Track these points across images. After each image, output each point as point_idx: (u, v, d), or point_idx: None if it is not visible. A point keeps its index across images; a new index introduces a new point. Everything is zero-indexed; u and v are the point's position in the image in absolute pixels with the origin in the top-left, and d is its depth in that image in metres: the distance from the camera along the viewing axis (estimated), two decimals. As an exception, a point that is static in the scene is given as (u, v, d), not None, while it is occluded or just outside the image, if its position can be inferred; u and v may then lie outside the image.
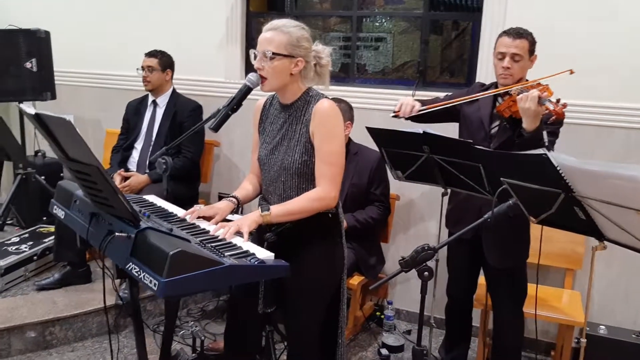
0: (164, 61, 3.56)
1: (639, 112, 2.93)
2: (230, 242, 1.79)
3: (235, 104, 2.00)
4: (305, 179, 1.98)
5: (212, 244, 1.74)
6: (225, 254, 1.67)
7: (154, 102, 3.62)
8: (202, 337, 2.98)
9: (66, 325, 3.10)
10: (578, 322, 2.74)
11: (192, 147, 3.49)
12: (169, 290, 1.47)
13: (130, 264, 1.59)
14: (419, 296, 3.64)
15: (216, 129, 2.01)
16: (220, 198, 3.75)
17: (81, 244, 2.70)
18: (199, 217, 2.00)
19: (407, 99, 2.62)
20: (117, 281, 3.39)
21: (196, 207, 2.03)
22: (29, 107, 1.71)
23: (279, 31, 1.91)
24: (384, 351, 3.19)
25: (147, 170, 3.49)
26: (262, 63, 1.92)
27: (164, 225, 1.81)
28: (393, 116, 2.63)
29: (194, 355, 2.95)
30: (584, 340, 2.04)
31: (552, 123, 2.26)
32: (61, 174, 4.37)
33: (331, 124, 1.91)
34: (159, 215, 2.01)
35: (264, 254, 1.72)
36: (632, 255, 2.99)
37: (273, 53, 1.89)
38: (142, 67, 3.54)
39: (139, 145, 3.60)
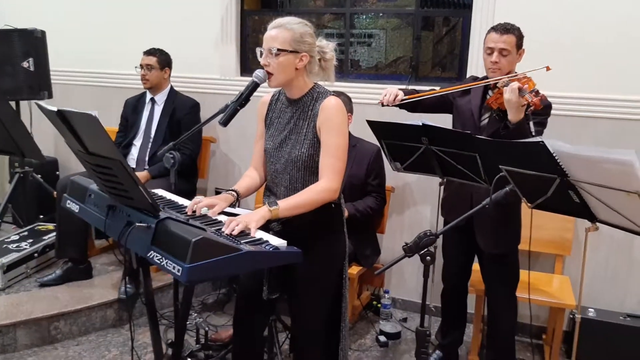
0: (163, 59, 3.61)
1: (623, 103, 3.06)
2: (242, 231, 1.86)
3: (243, 99, 2.08)
4: (311, 172, 2.06)
5: (227, 233, 1.82)
6: (241, 241, 1.75)
7: (152, 100, 3.67)
8: (207, 328, 3.06)
9: (70, 320, 3.15)
10: (569, 304, 2.86)
11: (191, 144, 3.55)
12: (192, 275, 1.55)
13: (152, 252, 1.67)
14: (414, 285, 3.78)
15: (225, 123, 2.09)
16: (217, 193, 3.82)
17: (96, 237, 2.75)
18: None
19: (392, 88, 2.67)
20: (119, 276, 3.49)
21: (197, 198, 2.09)
22: (48, 105, 1.77)
23: (282, 28, 1.99)
24: (382, 338, 3.29)
25: (147, 167, 3.55)
26: (268, 60, 2.00)
27: (179, 216, 1.88)
28: (381, 105, 2.69)
29: (198, 345, 3.03)
30: (579, 316, 2.15)
31: (531, 113, 2.38)
32: (57, 172, 4.40)
33: (337, 120, 2.00)
34: (170, 207, 2.09)
35: (276, 241, 1.81)
36: (618, 240, 3.16)
37: (278, 49, 1.97)
38: (141, 65, 3.59)
39: (137, 142, 3.66)
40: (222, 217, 1.99)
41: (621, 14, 3.00)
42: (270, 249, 1.74)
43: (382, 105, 2.68)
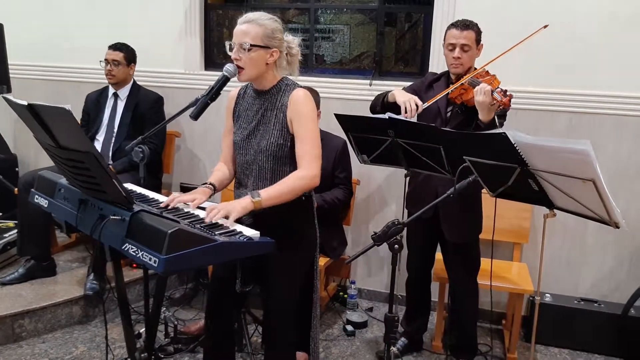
0: (129, 55, 3.57)
1: (579, 98, 3.21)
2: (216, 223, 1.89)
3: (214, 93, 2.10)
4: (281, 162, 2.10)
5: (200, 225, 1.84)
6: (215, 232, 1.78)
7: (115, 95, 3.63)
8: (176, 322, 3.07)
9: (35, 318, 3.10)
10: (527, 290, 2.99)
11: (155, 138, 3.51)
12: (168, 267, 1.56)
13: (127, 244, 1.67)
14: (379, 275, 3.86)
15: (196, 117, 2.11)
16: (182, 188, 3.80)
17: (67, 232, 2.71)
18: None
19: (411, 100, 2.57)
20: (83, 273, 3.45)
21: (175, 194, 2.10)
22: (16, 98, 1.76)
23: (254, 24, 2.02)
24: (349, 327, 3.37)
25: (110, 162, 3.51)
26: (239, 54, 2.03)
27: (152, 209, 1.89)
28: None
29: (167, 339, 3.04)
30: (538, 298, 2.26)
31: (499, 114, 2.48)
32: (16, 169, 4.30)
33: (307, 110, 2.05)
34: (142, 200, 2.09)
35: (250, 232, 1.84)
36: (571, 229, 3.32)
37: (250, 45, 2.00)
38: (107, 60, 3.54)
39: (100, 137, 3.61)
40: (197, 211, 2.00)
41: (578, 12, 3.15)
42: (244, 240, 1.78)
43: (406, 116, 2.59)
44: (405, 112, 2.54)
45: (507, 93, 2.40)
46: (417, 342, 3.19)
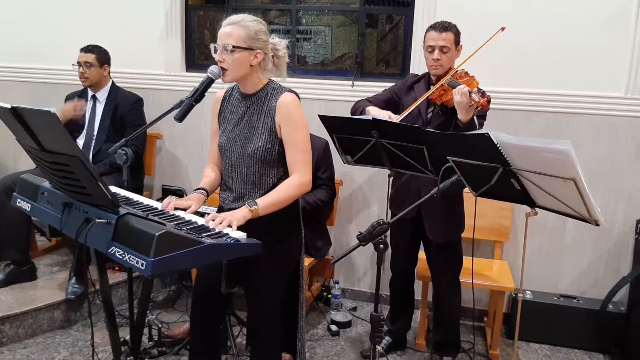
0: (101, 56, 3.53)
1: (557, 98, 3.28)
2: (202, 225, 1.89)
3: (198, 95, 2.10)
4: (268, 165, 2.11)
5: (187, 227, 1.84)
6: (202, 234, 1.78)
7: (94, 97, 3.59)
8: (159, 325, 3.05)
9: (16, 323, 3.06)
10: (509, 287, 3.03)
11: (137, 140, 3.47)
12: (156, 269, 1.56)
13: (113, 247, 1.67)
14: (362, 275, 3.88)
15: (181, 119, 2.10)
16: (164, 190, 3.80)
17: (51, 235, 2.67)
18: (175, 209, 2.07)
19: (383, 115, 2.63)
20: (64, 277, 3.41)
21: (171, 197, 2.10)
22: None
23: (238, 25, 2.03)
24: (334, 327, 3.38)
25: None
26: (222, 56, 2.03)
27: (137, 212, 1.89)
28: None
29: (151, 343, 3.02)
30: (520, 295, 2.30)
31: (478, 114, 2.52)
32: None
33: (296, 115, 2.06)
34: (126, 203, 2.08)
35: (237, 234, 1.84)
36: (551, 227, 3.38)
37: (233, 46, 2.00)
38: (79, 62, 3.49)
39: (80, 140, 3.56)
40: (180, 213, 2.00)
41: (556, 13, 3.21)
42: (231, 242, 1.78)
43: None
44: None
45: (486, 94, 2.44)
46: (401, 340, 3.22)
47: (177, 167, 4.07)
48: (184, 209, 2.03)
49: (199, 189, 2.19)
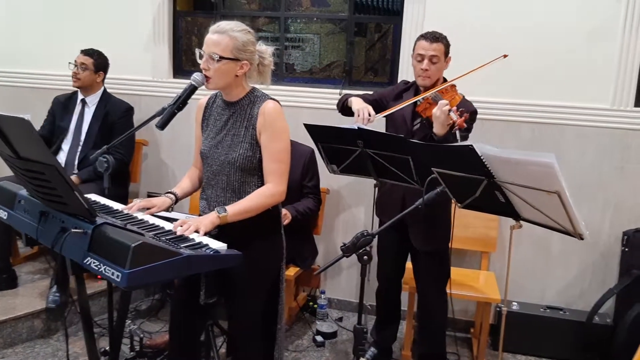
0: (99, 63, 3.50)
1: (543, 108, 3.28)
2: (181, 236, 1.86)
3: (181, 102, 2.08)
4: (249, 173, 2.08)
5: (166, 237, 1.81)
6: (181, 245, 1.75)
7: (83, 101, 3.55)
8: (141, 335, 3.00)
9: (-6, 332, 3.01)
10: (495, 299, 3.02)
11: (123, 148, 3.42)
12: (131, 281, 1.53)
13: (89, 258, 1.63)
14: (349, 285, 3.86)
15: (162, 127, 2.08)
16: (149, 197, 3.74)
17: (27, 244, 2.60)
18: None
19: (364, 107, 2.61)
20: (46, 285, 3.35)
21: (135, 200, 2.08)
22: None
23: (225, 35, 1.99)
24: (319, 338, 3.35)
25: (76, 171, 3.43)
26: (208, 64, 2.00)
27: (116, 221, 1.85)
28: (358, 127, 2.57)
29: (132, 353, 2.97)
30: (505, 308, 2.28)
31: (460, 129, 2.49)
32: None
33: (277, 124, 2.04)
34: (105, 212, 2.04)
35: (216, 245, 1.82)
36: (537, 238, 3.37)
37: (220, 57, 1.97)
38: (75, 62, 3.46)
39: (66, 145, 3.52)
40: (160, 222, 1.97)
41: (543, 24, 3.22)
42: (211, 253, 1.75)
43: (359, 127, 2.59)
44: (358, 119, 2.57)
45: (464, 113, 2.40)
46: (387, 351, 3.18)
47: (163, 174, 4.02)
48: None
49: (169, 192, 2.18)
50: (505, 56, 2.73)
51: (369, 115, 2.58)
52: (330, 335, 3.41)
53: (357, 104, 2.68)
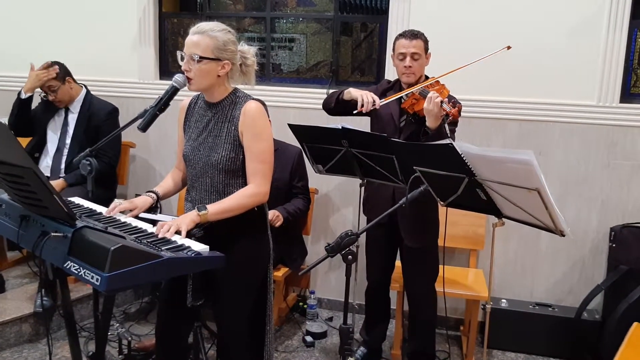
0: (60, 72, 3.37)
1: (529, 106, 3.29)
2: (164, 238, 1.85)
3: (163, 104, 2.07)
4: (232, 175, 2.07)
5: (148, 240, 1.80)
6: (162, 248, 1.74)
7: (67, 108, 3.51)
8: (129, 338, 2.99)
9: (-19, 337, 2.99)
10: (483, 296, 3.02)
11: (110, 151, 3.39)
12: (111, 285, 1.52)
13: (69, 262, 1.62)
14: (338, 285, 3.85)
15: (144, 129, 2.07)
16: (137, 199, 3.74)
17: (9, 248, 2.61)
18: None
19: (365, 92, 2.63)
20: (34, 289, 3.34)
21: (116, 202, 2.06)
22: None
23: (205, 35, 1.98)
24: (309, 338, 3.34)
25: (63, 174, 3.41)
26: (189, 65, 1.99)
27: (97, 224, 1.84)
28: (356, 113, 2.61)
29: (121, 356, 2.96)
30: (489, 305, 2.29)
31: (449, 122, 2.51)
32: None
33: (260, 125, 2.03)
34: (88, 215, 2.03)
35: (198, 247, 1.81)
36: (525, 235, 3.37)
37: (200, 57, 1.96)
38: (44, 91, 3.39)
39: (51, 150, 3.48)
40: (142, 224, 1.96)
41: (528, 21, 3.22)
42: (192, 255, 1.74)
43: (361, 113, 2.63)
44: (362, 106, 2.56)
45: (457, 104, 2.43)
46: (377, 351, 3.18)
47: (150, 176, 4.01)
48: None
49: (150, 191, 2.17)
50: (508, 47, 2.73)
51: (373, 100, 2.57)
52: (320, 335, 3.41)
53: (356, 91, 2.66)
